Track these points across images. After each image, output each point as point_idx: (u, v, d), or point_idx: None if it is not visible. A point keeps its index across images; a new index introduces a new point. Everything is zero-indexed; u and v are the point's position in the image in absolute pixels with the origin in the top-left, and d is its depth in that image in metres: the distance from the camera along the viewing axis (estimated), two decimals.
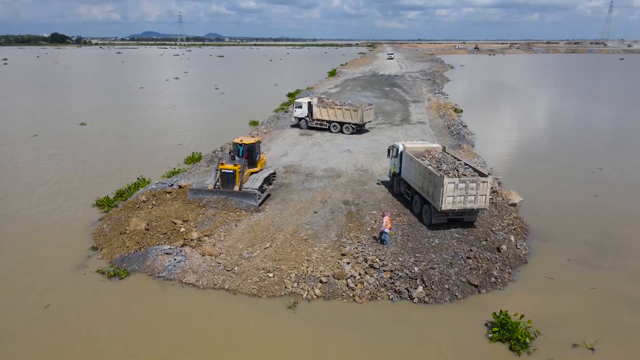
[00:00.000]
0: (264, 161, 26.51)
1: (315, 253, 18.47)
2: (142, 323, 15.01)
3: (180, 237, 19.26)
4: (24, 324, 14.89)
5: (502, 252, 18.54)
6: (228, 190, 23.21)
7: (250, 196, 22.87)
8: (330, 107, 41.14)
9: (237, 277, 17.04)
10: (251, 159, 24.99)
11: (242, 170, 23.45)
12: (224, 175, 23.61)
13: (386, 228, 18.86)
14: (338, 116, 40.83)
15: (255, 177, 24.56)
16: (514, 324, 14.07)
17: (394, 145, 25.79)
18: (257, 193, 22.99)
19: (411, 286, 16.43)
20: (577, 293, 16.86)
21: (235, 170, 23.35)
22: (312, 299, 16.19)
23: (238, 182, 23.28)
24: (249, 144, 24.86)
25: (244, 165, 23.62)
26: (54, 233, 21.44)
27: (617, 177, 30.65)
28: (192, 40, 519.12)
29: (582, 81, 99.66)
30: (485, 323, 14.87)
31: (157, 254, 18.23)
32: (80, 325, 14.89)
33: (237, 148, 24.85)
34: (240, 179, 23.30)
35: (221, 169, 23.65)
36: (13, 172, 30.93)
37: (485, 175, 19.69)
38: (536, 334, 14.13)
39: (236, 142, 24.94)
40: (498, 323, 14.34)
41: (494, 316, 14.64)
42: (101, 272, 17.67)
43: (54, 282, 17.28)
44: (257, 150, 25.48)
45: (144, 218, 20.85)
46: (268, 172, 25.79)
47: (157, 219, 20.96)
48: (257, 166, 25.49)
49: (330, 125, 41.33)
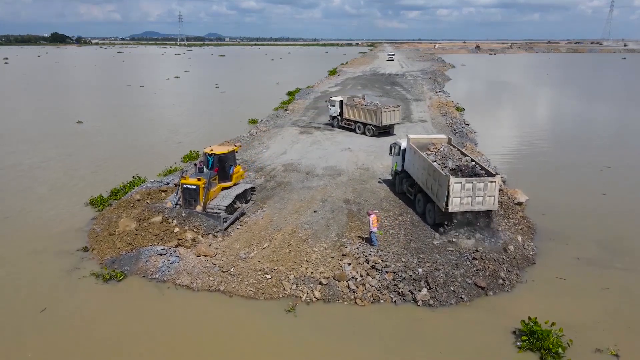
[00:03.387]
0: (240, 174, 22.77)
1: (315, 254, 17.76)
2: (138, 327, 14.34)
3: (174, 238, 18.52)
4: (20, 329, 14.19)
5: (509, 253, 17.82)
6: (189, 209, 19.79)
7: (212, 219, 19.38)
8: (356, 107, 39.02)
9: (233, 279, 16.34)
10: (223, 172, 21.37)
11: (208, 186, 19.75)
12: (185, 192, 19.91)
13: (373, 227, 18.10)
14: (361, 117, 38.57)
15: (226, 194, 20.91)
16: (545, 332, 13.17)
17: (396, 143, 25.11)
18: (221, 214, 19.36)
19: (415, 288, 15.71)
20: (590, 295, 16.12)
21: (198, 185, 19.58)
22: (311, 301, 15.47)
23: (202, 200, 19.73)
24: (221, 154, 21.18)
25: (210, 180, 19.93)
26: (48, 233, 20.68)
27: (626, 175, 29.89)
28: (193, 40, 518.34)
29: (586, 80, 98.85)
30: (513, 331, 13.91)
31: (150, 255, 17.50)
32: (76, 329, 14.25)
33: (206, 159, 21.34)
34: (204, 196, 19.72)
35: (182, 184, 19.94)
36: (7, 172, 30.23)
37: (494, 175, 18.93)
38: (569, 343, 13.13)
39: (206, 152, 21.44)
40: (527, 331, 13.43)
41: (522, 324, 13.75)
42: (96, 274, 16.91)
43: (49, 285, 16.57)
44: (230, 162, 21.81)
45: (135, 217, 20.08)
46: (243, 187, 22.06)
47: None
48: (230, 180, 21.79)
49: (356, 126, 39.28)
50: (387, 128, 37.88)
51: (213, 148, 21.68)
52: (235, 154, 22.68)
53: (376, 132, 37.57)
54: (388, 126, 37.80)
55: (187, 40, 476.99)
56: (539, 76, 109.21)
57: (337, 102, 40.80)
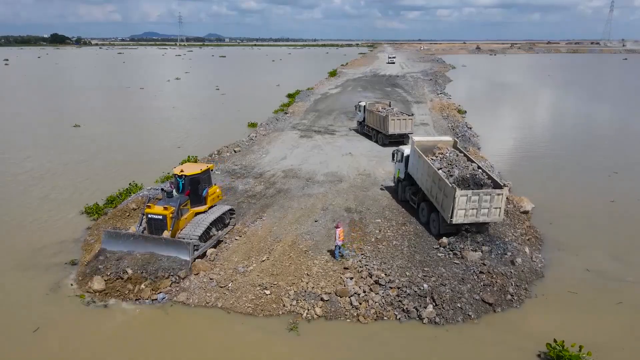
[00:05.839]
0: (216, 195, 19.90)
1: (316, 267, 17.14)
2: (131, 345, 13.70)
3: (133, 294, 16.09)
4: (12, 350, 13.52)
5: (517, 266, 17.19)
6: (153, 237, 17.09)
7: (180, 248, 16.63)
8: (373, 114, 37.05)
9: (231, 295, 15.70)
10: (196, 195, 18.78)
11: (176, 215, 17.42)
12: (151, 222, 17.40)
13: (339, 241, 17.35)
14: (375, 124, 36.62)
15: (199, 220, 18.26)
16: (573, 357, 12.47)
17: (399, 149, 24.46)
18: (191, 243, 16.71)
19: (420, 305, 15.08)
20: (604, 310, 15.47)
21: (165, 215, 17.12)
22: (312, 318, 14.84)
23: (169, 231, 17.28)
24: (192, 175, 18.54)
25: (179, 207, 17.55)
26: (41, 244, 19.94)
27: (634, 181, 29.21)
28: (192, 41, 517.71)
29: (589, 81, 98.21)
30: (538, 354, 13.22)
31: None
32: (68, 349, 13.59)
33: (176, 181, 18.67)
34: (172, 226, 17.29)
35: (147, 214, 17.49)
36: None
37: (501, 187, 18.29)
38: None
39: (175, 173, 18.73)
40: (554, 356, 12.71)
41: (548, 347, 13.02)
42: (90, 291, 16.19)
43: (41, 302, 15.84)
44: (204, 183, 19.15)
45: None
46: (220, 212, 19.33)
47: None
48: (205, 204, 19.09)
49: (372, 133, 37.53)
50: (398, 138, 34.79)
51: (183, 168, 19.00)
52: (210, 173, 19.84)
53: (385, 141, 35.18)
54: (398, 135, 34.84)
55: (187, 40, 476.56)
56: (540, 77, 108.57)
57: (362, 107, 39.36)
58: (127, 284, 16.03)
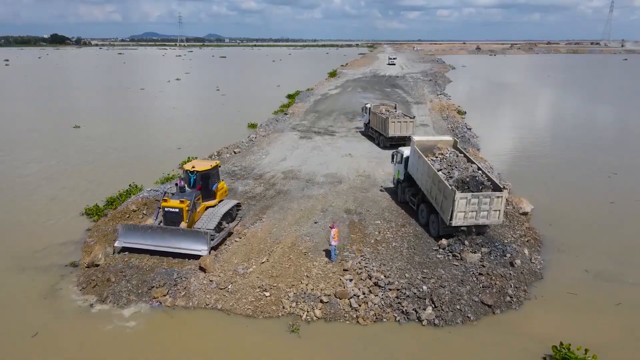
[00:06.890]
0: (223, 190, 21.09)
1: (316, 268, 17.16)
2: (130, 348, 13.72)
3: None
4: (10, 356, 13.49)
5: (517, 267, 17.22)
6: (171, 228, 17.82)
7: (198, 237, 17.45)
8: (376, 115, 36.70)
9: (231, 296, 15.73)
10: (206, 190, 19.79)
11: (192, 208, 18.31)
12: (167, 215, 18.18)
13: (334, 242, 17.35)
14: (377, 126, 36.34)
15: (212, 213, 19.25)
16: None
17: (398, 150, 24.49)
18: (209, 232, 17.67)
19: (419, 307, 15.10)
20: (603, 311, 15.49)
21: (182, 208, 17.99)
22: (312, 320, 14.88)
23: (186, 222, 18.11)
24: (203, 170, 19.54)
25: (194, 200, 18.46)
26: (40, 245, 19.94)
27: (633, 182, 29.24)
28: (192, 41, 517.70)
29: (589, 82, 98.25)
30: (543, 357, 13.18)
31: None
32: (66, 354, 13.59)
33: (187, 176, 19.67)
34: (188, 218, 18.13)
35: (164, 207, 18.30)
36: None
37: (501, 189, 18.32)
38: None
39: (187, 169, 19.69)
40: (560, 358, 12.69)
41: (554, 350, 13.00)
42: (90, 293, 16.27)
43: (40, 305, 15.80)
44: (214, 178, 20.13)
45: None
46: (229, 205, 20.23)
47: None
48: (215, 198, 20.15)
49: (375, 135, 37.23)
50: (398, 140, 34.04)
51: (194, 164, 19.94)
52: (219, 169, 20.87)
53: (386, 143, 34.78)
54: (399, 138, 34.22)
55: (187, 41, 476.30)
56: (540, 77, 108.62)
57: (368, 109, 39.04)
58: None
